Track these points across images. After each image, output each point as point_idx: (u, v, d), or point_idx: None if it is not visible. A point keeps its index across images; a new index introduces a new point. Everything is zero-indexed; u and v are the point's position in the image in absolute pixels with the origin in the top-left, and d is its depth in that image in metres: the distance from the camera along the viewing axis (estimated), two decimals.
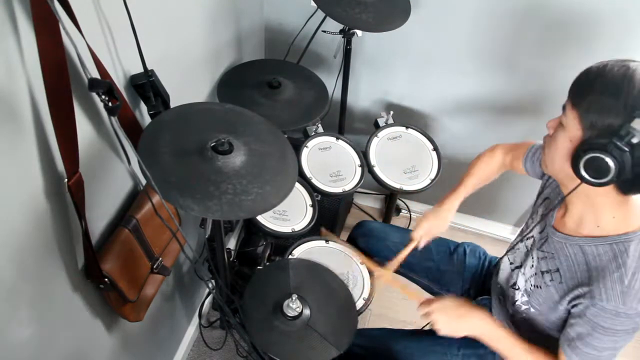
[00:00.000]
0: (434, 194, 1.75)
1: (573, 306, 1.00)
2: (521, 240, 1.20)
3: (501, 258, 1.31)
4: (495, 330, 1.09)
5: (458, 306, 1.13)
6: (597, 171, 0.87)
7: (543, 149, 1.02)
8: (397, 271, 1.52)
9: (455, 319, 1.11)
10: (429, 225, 1.34)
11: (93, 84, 0.78)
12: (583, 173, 0.88)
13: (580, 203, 1.00)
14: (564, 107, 0.93)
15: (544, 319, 1.09)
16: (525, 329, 1.16)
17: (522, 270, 1.16)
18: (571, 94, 0.92)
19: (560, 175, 1.00)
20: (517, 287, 1.16)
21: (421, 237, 1.33)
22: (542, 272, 1.08)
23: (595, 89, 0.87)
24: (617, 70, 0.85)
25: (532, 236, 1.17)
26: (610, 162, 0.84)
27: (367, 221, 1.59)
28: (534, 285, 1.10)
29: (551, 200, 1.16)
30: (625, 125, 0.82)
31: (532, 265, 1.12)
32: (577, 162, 0.89)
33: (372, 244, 1.50)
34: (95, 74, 0.86)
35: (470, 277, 1.43)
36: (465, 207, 2.26)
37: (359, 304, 1.36)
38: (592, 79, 0.89)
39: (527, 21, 1.61)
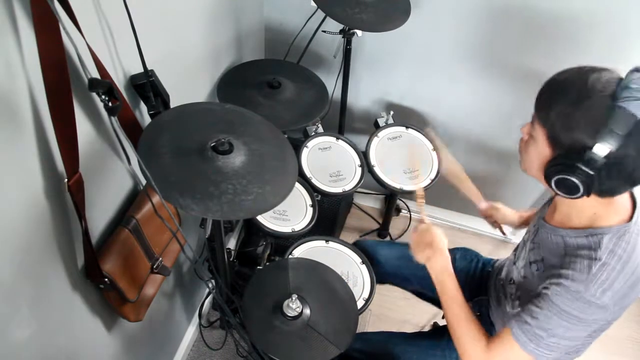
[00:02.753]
0: (434, 194, 1.75)
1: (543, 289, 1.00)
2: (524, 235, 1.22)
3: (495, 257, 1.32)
4: (447, 279, 1.12)
5: (435, 241, 1.15)
6: (568, 189, 0.90)
7: (519, 152, 1.04)
8: (391, 283, 1.53)
9: (423, 246, 1.16)
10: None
11: (93, 84, 0.78)
12: (555, 190, 0.93)
13: (563, 204, 1.03)
14: (533, 119, 0.95)
15: None
16: None
17: (516, 263, 1.17)
18: (537, 109, 0.93)
19: (539, 180, 1.02)
20: (512, 282, 1.17)
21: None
22: (530, 263, 1.10)
23: (557, 106, 0.88)
24: (577, 85, 0.86)
25: (529, 229, 1.18)
26: (577, 182, 0.87)
27: (359, 241, 1.60)
28: (523, 277, 1.11)
29: (549, 194, 1.17)
30: (589, 143, 0.84)
31: (524, 257, 1.14)
32: (549, 181, 0.93)
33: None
34: (95, 74, 0.86)
35: (462, 280, 1.43)
36: (466, 207, 2.29)
37: (359, 304, 1.35)
38: (553, 95, 0.90)
39: (527, 22, 1.61)
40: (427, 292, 1.48)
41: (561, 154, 0.90)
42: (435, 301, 1.49)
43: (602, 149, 0.83)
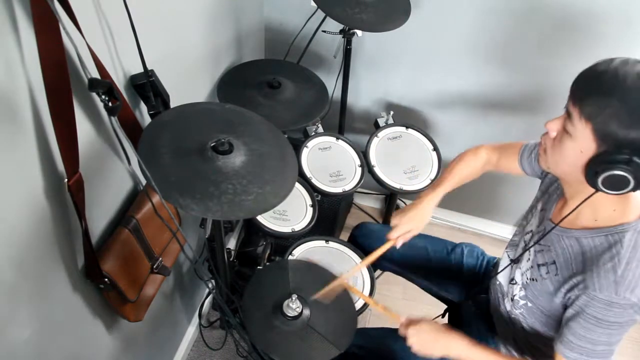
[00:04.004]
0: None
1: (568, 299, 1.00)
2: (521, 235, 1.21)
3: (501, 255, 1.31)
4: (472, 351, 1.09)
5: (434, 330, 1.13)
6: (616, 185, 0.86)
7: (543, 149, 1.00)
8: (395, 271, 1.52)
9: (430, 342, 1.12)
10: (407, 227, 1.25)
11: (93, 84, 0.78)
12: (600, 187, 0.88)
13: (580, 198, 0.99)
14: (568, 113, 0.90)
15: (541, 313, 1.09)
16: (523, 327, 1.16)
17: (519, 264, 1.17)
18: (580, 104, 0.87)
19: (567, 178, 1.00)
20: (515, 282, 1.17)
21: (398, 237, 1.26)
22: (539, 265, 1.08)
23: (613, 103, 0.82)
24: (628, 82, 0.81)
25: (531, 230, 1.17)
26: (630, 178, 0.84)
27: (366, 223, 1.60)
28: (531, 279, 1.11)
29: (550, 194, 1.16)
30: None
31: (529, 259, 1.13)
32: (594, 177, 0.88)
33: (370, 244, 1.50)
34: (95, 74, 0.86)
35: (468, 277, 1.43)
36: (465, 207, 2.29)
37: (359, 304, 1.35)
38: (608, 90, 0.83)
39: (526, 21, 1.61)
40: (433, 286, 1.48)
41: (612, 150, 0.85)
42: (440, 296, 1.49)
43: None
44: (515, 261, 1.19)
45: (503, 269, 1.24)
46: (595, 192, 0.91)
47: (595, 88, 0.86)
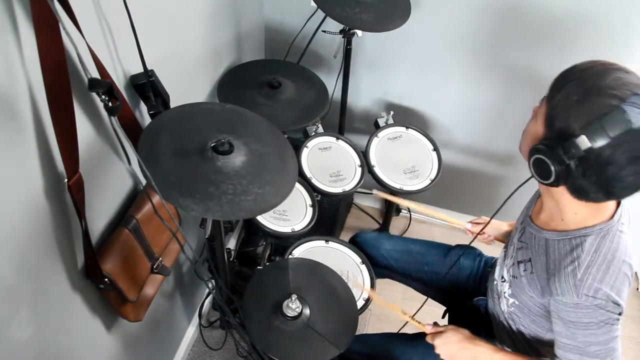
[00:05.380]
0: (434, 194, 1.76)
1: (545, 302, 1.01)
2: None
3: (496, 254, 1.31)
4: (498, 356, 1.09)
5: (460, 339, 1.13)
6: (541, 172, 0.90)
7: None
8: (393, 278, 1.53)
9: (457, 350, 1.12)
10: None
11: (93, 84, 0.78)
12: (531, 169, 0.92)
13: (548, 198, 1.02)
14: (544, 97, 0.94)
15: (529, 311, 1.10)
16: (518, 327, 1.16)
17: (505, 261, 1.17)
18: (549, 88, 0.92)
19: (525, 158, 1.01)
20: (504, 279, 1.17)
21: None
22: (518, 262, 1.09)
23: (567, 89, 0.86)
24: (595, 78, 0.84)
25: (517, 227, 1.18)
26: (552, 167, 0.86)
27: (362, 232, 1.61)
28: (512, 276, 1.12)
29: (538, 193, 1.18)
30: (576, 132, 0.83)
31: (512, 256, 1.14)
32: (530, 158, 0.92)
33: (367, 251, 1.51)
34: (95, 74, 0.86)
35: (465, 279, 1.43)
36: (465, 207, 2.29)
37: (359, 304, 1.35)
38: (570, 79, 0.88)
39: (529, 22, 1.61)
40: (430, 291, 1.48)
41: (550, 136, 0.89)
42: (438, 299, 1.49)
43: (584, 142, 0.82)
44: (504, 259, 1.20)
45: (499, 266, 1.24)
46: (531, 177, 0.94)
47: (566, 77, 0.89)
